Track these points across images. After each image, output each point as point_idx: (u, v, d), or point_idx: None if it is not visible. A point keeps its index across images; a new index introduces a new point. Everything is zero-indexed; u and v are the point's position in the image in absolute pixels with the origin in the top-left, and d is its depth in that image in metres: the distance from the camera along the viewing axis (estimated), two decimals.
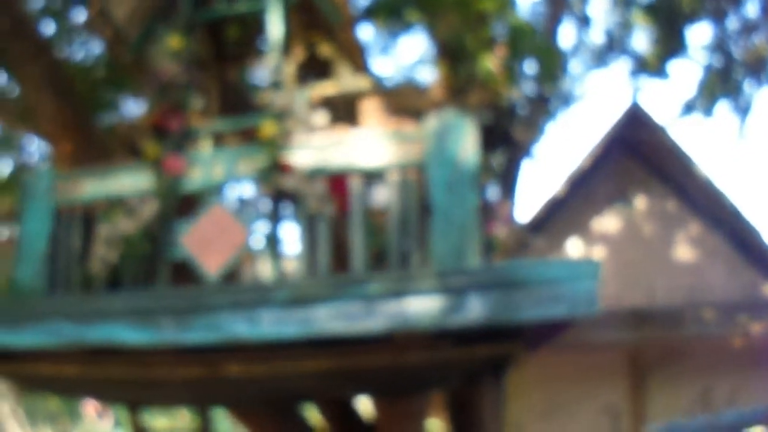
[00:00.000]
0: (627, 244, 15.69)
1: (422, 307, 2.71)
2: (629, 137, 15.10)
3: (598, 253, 16.06)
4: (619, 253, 15.62)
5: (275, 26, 3.88)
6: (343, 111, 6.01)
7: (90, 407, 26.28)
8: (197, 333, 2.92)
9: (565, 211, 15.81)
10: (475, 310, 2.66)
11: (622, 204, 15.93)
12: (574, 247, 16.04)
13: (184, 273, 3.83)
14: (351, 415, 5.61)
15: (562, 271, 2.67)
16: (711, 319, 14.09)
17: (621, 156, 15.44)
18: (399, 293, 2.73)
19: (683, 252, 15.75)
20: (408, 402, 4.76)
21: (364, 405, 5.96)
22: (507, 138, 6.82)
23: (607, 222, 16.05)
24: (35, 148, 8.94)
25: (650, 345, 14.01)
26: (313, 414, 5.99)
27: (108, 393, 4.59)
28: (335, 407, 5.45)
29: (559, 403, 15.38)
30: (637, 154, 15.57)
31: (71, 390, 4.55)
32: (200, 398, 4.85)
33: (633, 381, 15.05)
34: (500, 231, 3.49)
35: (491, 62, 4.37)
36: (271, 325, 2.81)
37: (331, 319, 2.75)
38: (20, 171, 8.57)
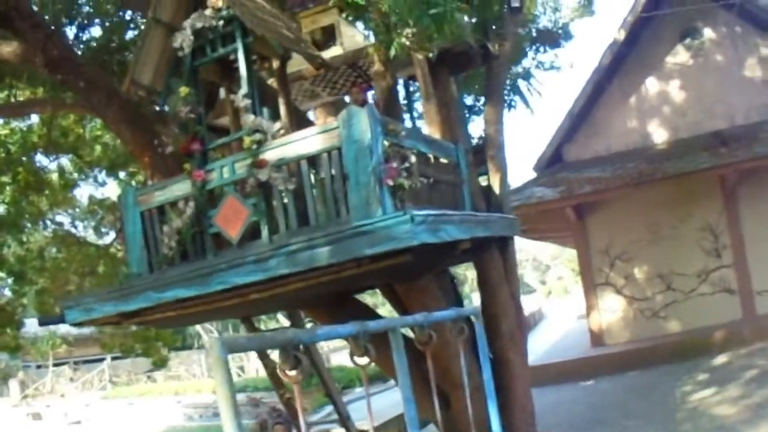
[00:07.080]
0: (701, 73, 16.24)
1: (320, 252, 4.69)
2: None
3: (674, 86, 16.68)
4: (695, 83, 16.26)
5: (242, 65, 5.79)
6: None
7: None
8: (215, 285, 5.10)
9: (635, 55, 16.53)
10: (344, 250, 4.61)
11: (690, 36, 16.38)
12: (651, 86, 16.72)
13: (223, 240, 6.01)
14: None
15: (387, 222, 4.51)
16: None
17: None
18: (308, 247, 4.72)
19: (757, 72, 16.08)
20: (416, 283, 6.71)
21: None
22: (485, 54, 8.27)
23: (680, 56, 16.57)
24: None
25: (735, 165, 14.72)
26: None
27: (200, 319, 6.94)
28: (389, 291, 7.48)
29: (662, 229, 16.65)
30: None
31: (177, 323, 6.92)
32: (289, 304, 7.10)
33: (725, 201, 15.94)
34: (399, 179, 5.26)
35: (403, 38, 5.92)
36: (247, 274, 4.94)
37: (278, 266, 4.81)
38: None
